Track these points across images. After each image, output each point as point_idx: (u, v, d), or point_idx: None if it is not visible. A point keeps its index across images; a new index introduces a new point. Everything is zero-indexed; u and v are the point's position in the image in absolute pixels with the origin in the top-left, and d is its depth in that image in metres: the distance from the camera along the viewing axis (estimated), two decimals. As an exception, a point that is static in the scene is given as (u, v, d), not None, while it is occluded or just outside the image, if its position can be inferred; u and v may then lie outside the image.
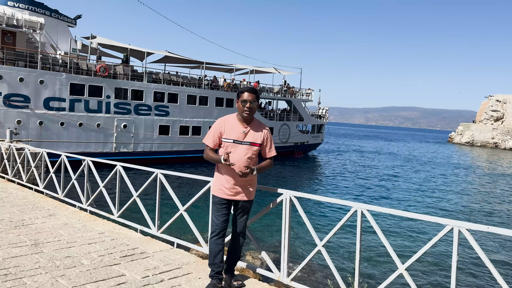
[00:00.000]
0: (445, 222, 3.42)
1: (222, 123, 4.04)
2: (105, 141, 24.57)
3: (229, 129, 3.99)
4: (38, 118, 21.79)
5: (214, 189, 4.13)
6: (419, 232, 14.15)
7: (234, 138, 3.96)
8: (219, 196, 4.06)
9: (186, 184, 19.52)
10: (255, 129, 4.06)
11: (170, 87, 27.85)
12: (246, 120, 4.03)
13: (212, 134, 4.05)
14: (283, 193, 4.43)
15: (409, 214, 3.67)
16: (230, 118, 4.10)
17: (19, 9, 23.83)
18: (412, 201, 20.71)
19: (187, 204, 5.40)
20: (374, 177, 29.03)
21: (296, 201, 4.37)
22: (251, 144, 3.99)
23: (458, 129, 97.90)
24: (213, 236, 4.05)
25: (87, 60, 25.60)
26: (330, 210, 16.27)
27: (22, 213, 6.73)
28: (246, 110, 3.97)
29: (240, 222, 4.19)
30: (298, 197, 4.38)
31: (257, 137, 4.04)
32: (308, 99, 41.34)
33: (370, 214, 3.84)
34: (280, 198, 4.47)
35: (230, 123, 4.04)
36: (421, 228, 14.53)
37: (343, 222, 4.03)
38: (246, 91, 4.01)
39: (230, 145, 3.96)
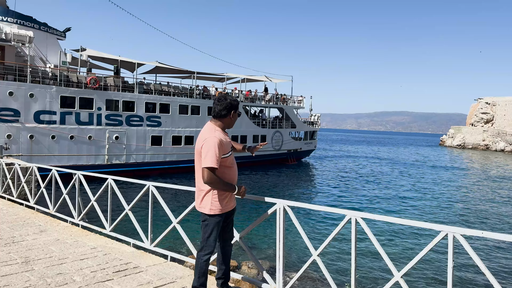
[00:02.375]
0: (439, 228, 3.40)
1: (220, 141, 3.77)
2: (97, 153, 24.37)
3: (225, 144, 3.87)
4: (28, 132, 21.58)
5: (222, 208, 3.89)
6: (414, 238, 14.15)
7: (230, 150, 3.97)
8: (228, 210, 3.96)
9: (179, 195, 19.39)
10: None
11: (161, 97, 27.79)
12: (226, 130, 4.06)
13: (216, 155, 3.70)
14: (276, 202, 4.40)
15: (403, 221, 3.66)
16: (219, 132, 3.88)
17: (7, 23, 23.71)
18: (407, 206, 20.75)
19: (180, 217, 5.34)
20: (367, 182, 29.09)
21: (290, 210, 4.34)
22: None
23: (449, 132, 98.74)
24: (209, 254, 3.90)
25: (77, 73, 25.47)
26: (324, 218, 16.22)
27: (13, 230, 6.62)
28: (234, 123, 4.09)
29: (231, 232, 4.24)
30: (291, 206, 4.35)
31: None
32: (300, 106, 41.47)
33: (364, 221, 3.82)
34: (273, 208, 4.43)
35: (222, 137, 3.86)
36: (416, 234, 14.54)
37: (337, 231, 4.01)
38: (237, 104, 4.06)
39: (230, 157, 3.96)
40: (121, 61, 28.24)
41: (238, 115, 4.03)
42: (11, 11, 24.60)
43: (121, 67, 29.38)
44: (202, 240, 3.90)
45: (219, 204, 3.87)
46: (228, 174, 3.91)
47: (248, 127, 33.83)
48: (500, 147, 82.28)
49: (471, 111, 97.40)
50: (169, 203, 5.74)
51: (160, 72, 34.39)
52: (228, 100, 3.94)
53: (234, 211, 4.16)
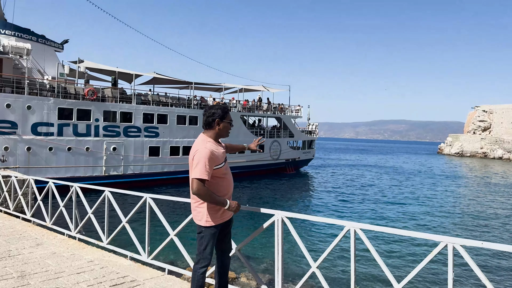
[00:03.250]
0: (438, 239, 3.38)
1: (211, 152, 3.71)
2: (94, 164, 24.29)
3: (218, 155, 3.79)
4: (26, 144, 21.52)
5: (216, 219, 3.81)
6: (414, 249, 14.03)
7: (223, 160, 3.87)
8: (221, 222, 3.87)
9: (176, 207, 19.27)
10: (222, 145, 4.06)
11: (159, 108, 27.81)
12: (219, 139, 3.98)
13: (207, 166, 3.62)
14: (274, 214, 4.37)
15: (403, 232, 3.64)
16: (211, 143, 3.81)
17: (5, 35, 23.78)
18: (406, 216, 20.64)
19: (177, 229, 5.30)
20: (366, 192, 29.04)
21: (288, 221, 4.31)
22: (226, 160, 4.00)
23: (447, 140, 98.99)
24: (206, 267, 3.82)
25: (75, 84, 25.49)
26: (323, 229, 16.11)
27: (9, 244, 6.55)
28: (229, 131, 3.96)
29: (230, 244, 4.17)
30: (290, 217, 4.32)
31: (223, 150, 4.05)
32: (298, 116, 41.57)
33: (363, 232, 3.79)
34: (271, 219, 4.40)
35: (214, 148, 3.79)
36: (415, 244, 14.43)
37: (336, 242, 3.98)
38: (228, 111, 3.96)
39: (223, 168, 3.85)
40: (119, 72, 28.32)
41: (229, 123, 3.89)
42: (9, 24, 24.69)
43: (119, 78, 29.46)
44: (198, 253, 3.82)
45: (214, 216, 3.80)
46: (222, 185, 3.84)
47: (246, 136, 33.82)
48: (498, 154, 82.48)
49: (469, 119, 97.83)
50: (166, 215, 5.70)
51: (158, 83, 34.49)
52: (213, 110, 3.85)
53: (231, 222, 4.07)
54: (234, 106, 34.49)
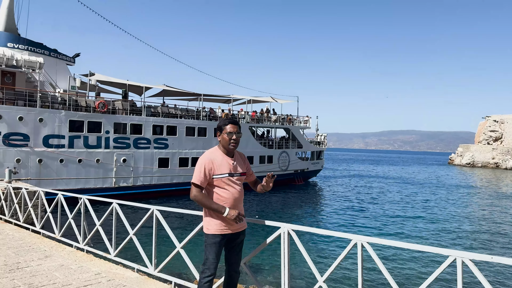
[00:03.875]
0: (447, 252, 3.33)
1: (210, 160, 3.83)
2: (104, 176, 24.47)
3: (219, 165, 3.84)
4: (37, 156, 21.78)
5: (217, 228, 3.82)
6: (422, 262, 13.78)
7: (228, 172, 3.85)
8: (225, 233, 3.84)
9: (184, 218, 19.26)
10: (239, 158, 4.05)
11: (168, 120, 28.02)
12: (231, 152, 3.95)
13: (201, 173, 3.80)
14: (280, 226, 4.34)
15: (411, 245, 3.58)
16: (215, 153, 3.91)
17: (18, 50, 24.28)
18: (416, 228, 20.32)
19: (183, 241, 5.29)
20: (376, 203, 28.75)
21: (295, 234, 4.28)
22: (241, 174, 3.99)
23: (458, 151, 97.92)
24: (209, 277, 3.81)
25: (86, 97, 25.85)
26: (331, 242, 15.95)
27: (18, 256, 6.59)
28: (232, 142, 3.88)
29: (238, 257, 4.07)
30: (296, 230, 4.29)
31: (242, 165, 4.05)
32: (306, 126, 41.55)
33: (370, 246, 3.75)
34: (278, 232, 4.37)
35: (218, 158, 3.87)
36: (424, 258, 14.18)
37: (343, 256, 3.93)
38: (230, 123, 3.92)
39: (226, 180, 3.84)
40: (129, 85, 28.66)
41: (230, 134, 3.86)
42: (22, 39, 25.22)
43: (129, 90, 29.80)
44: (203, 262, 3.85)
45: (214, 223, 3.82)
46: (222, 196, 3.84)
47: (255, 147, 33.85)
48: (510, 165, 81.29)
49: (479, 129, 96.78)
50: (174, 227, 5.70)
51: (168, 95, 34.82)
52: (218, 122, 4.09)
53: (241, 234, 4.00)
54: (242, 117, 34.61)
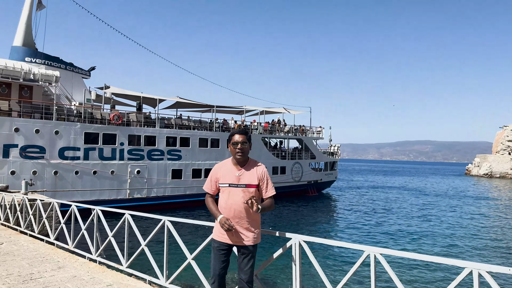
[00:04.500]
0: (463, 264, 3.23)
1: (217, 169, 4.09)
2: (119, 187, 24.68)
3: (224, 174, 4.01)
4: (53, 168, 22.11)
5: (215, 234, 4.08)
6: (437, 275, 13.47)
7: (229, 182, 3.96)
8: (220, 240, 4.00)
9: (195, 229, 19.24)
10: (249, 170, 4.01)
11: (182, 131, 28.21)
12: (240, 162, 4.01)
13: (209, 181, 4.11)
14: (291, 237, 4.29)
15: (425, 257, 3.50)
16: (225, 162, 4.11)
17: (36, 64, 24.85)
18: (432, 240, 19.94)
19: (194, 252, 5.27)
20: (391, 214, 28.34)
21: (306, 246, 4.22)
22: (247, 186, 3.95)
23: (475, 161, 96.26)
24: (212, 282, 3.97)
25: (101, 109, 26.24)
26: (343, 253, 15.71)
27: (32, 267, 6.64)
28: (238, 152, 3.96)
29: (246, 269, 3.99)
30: (307, 241, 4.23)
31: (253, 178, 3.98)
32: (319, 137, 41.39)
33: (383, 257, 3.67)
34: (289, 243, 4.32)
35: (225, 167, 4.05)
36: (439, 270, 13.86)
37: (356, 267, 3.86)
38: (236, 133, 4.04)
39: (226, 189, 3.97)
40: (143, 97, 29.03)
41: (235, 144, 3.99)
42: (39, 53, 25.83)
43: (144, 103, 30.18)
44: None
45: (215, 229, 4.08)
46: (221, 204, 4.05)
47: (268, 158, 33.80)
48: (530, 175, 79.49)
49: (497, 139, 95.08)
50: (185, 238, 5.69)
51: (181, 107, 35.13)
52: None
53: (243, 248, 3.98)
54: (255, 129, 34.66)
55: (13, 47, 25.53)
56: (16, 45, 25.57)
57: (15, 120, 21.23)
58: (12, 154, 20.94)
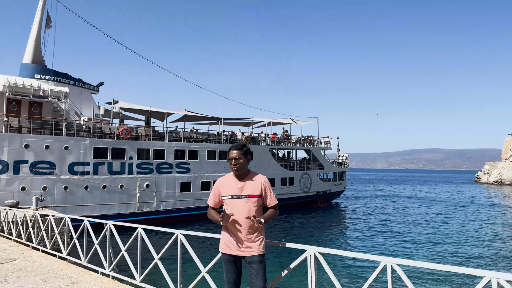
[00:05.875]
0: (482, 273, 3.20)
1: (220, 183, 4.21)
2: (128, 201, 24.75)
3: (226, 187, 4.14)
4: (63, 183, 22.26)
5: (221, 246, 4.17)
6: (455, 285, 13.25)
7: (232, 194, 4.08)
8: (226, 252, 4.09)
9: (208, 242, 19.17)
10: (251, 181, 4.14)
11: (190, 144, 28.33)
12: (238, 176, 4.14)
13: (212, 194, 4.23)
14: (306, 249, 4.27)
15: (443, 267, 3.46)
16: (228, 176, 4.24)
17: (45, 80, 25.21)
18: (447, 249, 19.68)
19: (208, 266, 5.25)
20: (403, 224, 28.05)
21: (321, 257, 4.19)
22: (249, 196, 4.06)
23: (485, 168, 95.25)
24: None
25: (110, 124, 26.47)
26: (358, 264, 15.54)
27: (45, 283, 6.66)
28: (233, 168, 4.13)
29: (257, 281, 3.96)
30: (323, 253, 4.21)
31: (255, 188, 4.10)
32: (327, 147, 41.28)
33: (400, 268, 3.63)
34: (303, 255, 4.30)
35: (227, 181, 4.18)
36: (457, 280, 13.64)
37: (372, 279, 3.82)
38: (231, 149, 4.19)
39: (229, 201, 4.08)
40: (152, 111, 29.26)
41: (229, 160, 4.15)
42: (49, 70, 26.22)
43: (152, 117, 30.41)
44: None
45: (221, 242, 4.20)
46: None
47: (276, 169, 33.75)
48: (542, 181, 78.35)
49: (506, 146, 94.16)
50: (198, 251, 5.68)
51: (189, 120, 35.33)
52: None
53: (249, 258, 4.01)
54: (263, 140, 34.69)
55: (23, 65, 25.94)
56: (26, 62, 25.98)
57: (25, 136, 21.49)
58: (23, 170, 21.14)
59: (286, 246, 4.45)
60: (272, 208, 4.17)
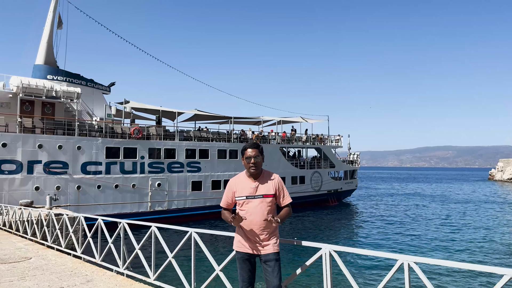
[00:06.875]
0: (502, 271, 3.14)
1: (233, 184, 4.17)
2: (140, 201, 24.93)
3: (240, 188, 4.10)
4: (76, 183, 22.50)
5: (236, 245, 4.16)
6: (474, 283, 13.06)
7: (246, 195, 4.05)
8: (241, 251, 4.08)
9: (221, 241, 19.23)
10: (265, 181, 4.11)
11: (201, 143, 28.41)
12: (254, 175, 4.11)
13: (225, 196, 4.21)
14: (321, 247, 4.24)
15: (461, 265, 3.40)
16: (240, 176, 4.20)
17: (57, 81, 25.48)
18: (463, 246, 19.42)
19: (222, 264, 5.25)
20: (416, 222, 27.79)
21: (336, 255, 4.16)
22: (264, 196, 4.04)
23: (498, 166, 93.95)
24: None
25: (122, 124, 26.66)
26: (373, 263, 15.41)
27: (61, 281, 6.73)
28: (252, 166, 4.08)
29: (273, 279, 3.95)
30: (338, 251, 4.17)
31: (269, 188, 4.08)
32: (338, 145, 41.06)
33: (418, 266, 3.58)
34: (318, 253, 4.27)
35: (240, 181, 4.15)
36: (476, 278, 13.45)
37: (389, 277, 3.77)
38: (248, 147, 4.14)
39: (244, 202, 4.05)
40: (162, 111, 29.40)
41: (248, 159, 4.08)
42: (61, 70, 26.49)
43: (163, 116, 30.56)
44: None
45: (235, 241, 4.18)
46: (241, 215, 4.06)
47: (286, 168, 33.68)
48: (557, 179, 77.01)
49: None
50: (211, 249, 5.68)
51: (199, 119, 35.42)
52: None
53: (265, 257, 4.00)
54: (273, 138, 34.64)
55: (36, 66, 26.26)
56: (38, 63, 26.29)
57: (38, 137, 21.76)
58: (36, 170, 21.41)
59: (301, 244, 4.42)
60: (286, 207, 4.15)
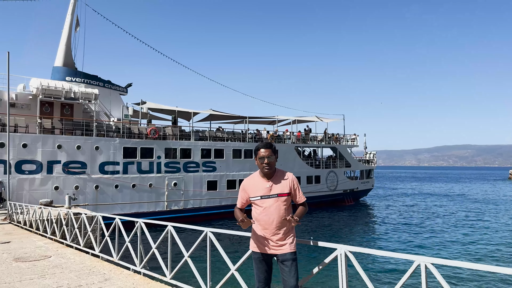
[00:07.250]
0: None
1: (247, 184, 4.17)
2: (157, 200, 25.19)
3: (254, 188, 4.09)
4: (94, 182, 22.86)
5: (252, 245, 4.15)
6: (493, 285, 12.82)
7: (261, 194, 4.04)
8: (257, 251, 4.08)
9: (236, 240, 19.28)
10: (279, 180, 4.10)
11: (216, 143, 28.55)
12: (267, 175, 4.10)
13: (240, 196, 4.23)
14: (336, 248, 4.21)
15: (480, 266, 3.34)
16: (254, 177, 4.19)
17: (76, 83, 25.94)
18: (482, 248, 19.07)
19: (238, 263, 5.26)
20: (434, 222, 27.38)
21: (352, 256, 4.13)
22: (278, 195, 4.03)
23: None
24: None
25: (139, 124, 26.99)
26: (390, 264, 15.24)
27: (79, 279, 6.85)
28: (265, 166, 4.06)
29: (290, 279, 3.95)
30: (353, 252, 4.14)
31: (284, 187, 4.07)
32: (354, 145, 40.74)
33: (435, 267, 3.53)
34: (334, 254, 4.24)
35: (254, 181, 4.14)
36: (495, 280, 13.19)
37: (405, 279, 3.72)
38: (261, 147, 4.13)
39: (259, 202, 4.05)
40: (178, 111, 29.65)
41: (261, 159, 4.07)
42: (79, 72, 26.96)
43: (178, 116, 30.82)
44: None
45: (251, 241, 4.17)
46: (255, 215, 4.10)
47: (301, 168, 33.57)
48: None
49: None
50: (227, 248, 5.70)
51: (214, 119, 35.60)
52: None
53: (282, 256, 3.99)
54: (288, 138, 34.56)
55: (54, 68, 26.78)
56: (57, 65, 26.81)
57: (57, 137, 22.18)
58: (56, 170, 21.83)
59: (317, 244, 4.40)
60: (301, 205, 4.15)
